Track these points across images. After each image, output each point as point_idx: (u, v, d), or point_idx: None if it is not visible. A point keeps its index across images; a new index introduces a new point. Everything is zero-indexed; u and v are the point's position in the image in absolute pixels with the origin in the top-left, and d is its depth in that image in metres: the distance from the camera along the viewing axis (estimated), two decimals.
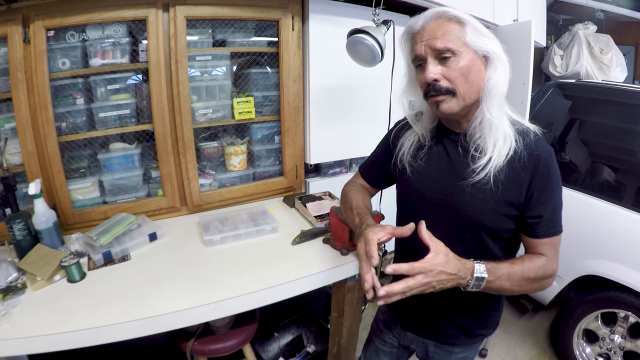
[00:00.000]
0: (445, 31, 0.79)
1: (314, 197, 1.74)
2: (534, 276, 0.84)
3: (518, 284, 0.83)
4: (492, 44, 0.80)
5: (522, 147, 0.83)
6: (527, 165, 0.83)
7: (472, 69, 0.80)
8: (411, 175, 0.96)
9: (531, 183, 0.83)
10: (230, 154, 1.75)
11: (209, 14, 1.47)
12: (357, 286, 1.38)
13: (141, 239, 1.37)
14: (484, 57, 0.81)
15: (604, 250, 1.83)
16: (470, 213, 0.87)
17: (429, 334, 1.05)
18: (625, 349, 1.80)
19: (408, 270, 0.75)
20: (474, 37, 0.79)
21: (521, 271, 0.83)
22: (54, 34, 1.32)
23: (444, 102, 0.82)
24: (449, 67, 0.79)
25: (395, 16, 1.87)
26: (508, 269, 0.82)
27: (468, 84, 0.80)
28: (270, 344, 1.88)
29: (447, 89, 0.80)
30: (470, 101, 0.82)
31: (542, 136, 0.88)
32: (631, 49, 3.88)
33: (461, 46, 0.79)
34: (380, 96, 1.91)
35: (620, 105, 2.07)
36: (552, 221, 0.86)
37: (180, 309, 1.05)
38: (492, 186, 0.83)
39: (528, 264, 0.84)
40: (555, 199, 0.85)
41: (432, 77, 0.80)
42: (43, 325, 0.98)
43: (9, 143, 1.33)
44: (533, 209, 0.85)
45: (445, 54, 0.79)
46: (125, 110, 1.48)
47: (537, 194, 0.84)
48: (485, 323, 1.03)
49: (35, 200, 1.23)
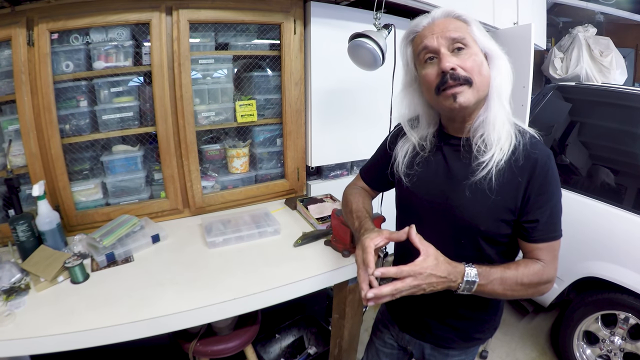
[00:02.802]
0: (455, 27, 0.81)
1: (315, 200, 1.75)
2: (529, 282, 0.82)
3: (511, 288, 0.82)
4: (493, 43, 0.84)
5: (520, 148, 0.82)
6: (524, 169, 0.82)
7: (482, 63, 0.81)
8: (408, 183, 0.96)
9: (528, 186, 0.82)
10: (232, 156, 1.75)
11: (211, 18, 1.48)
12: (358, 288, 1.39)
13: (144, 240, 1.38)
14: (485, 55, 0.83)
15: (604, 252, 1.83)
16: (466, 217, 0.86)
17: (425, 336, 1.04)
18: (626, 351, 1.80)
19: (396, 273, 0.75)
20: (480, 34, 0.82)
21: (515, 276, 0.82)
22: (57, 36, 1.33)
23: (462, 94, 0.79)
24: (463, 58, 0.79)
25: (396, 20, 1.88)
26: (501, 273, 0.81)
27: (481, 76, 0.81)
28: (271, 345, 1.88)
29: (466, 78, 0.79)
30: (483, 94, 0.83)
31: (540, 138, 0.87)
32: (631, 52, 3.89)
33: (471, 40, 0.81)
34: (381, 99, 1.92)
35: (620, 108, 2.08)
36: (549, 225, 0.84)
37: (182, 310, 1.06)
38: (489, 189, 0.82)
39: (523, 270, 0.83)
40: (553, 203, 0.84)
41: (449, 66, 0.78)
42: (46, 325, 0.99)
43: (13, 145, 1.33)
44: (529, 213, 0.83)
45: (459, 45, 0.80)
46: (129, 113, 1.49)
47: (534, 197, 0.82)
48: (482, 327, 1.02)
49: (39, 201, 1.24)
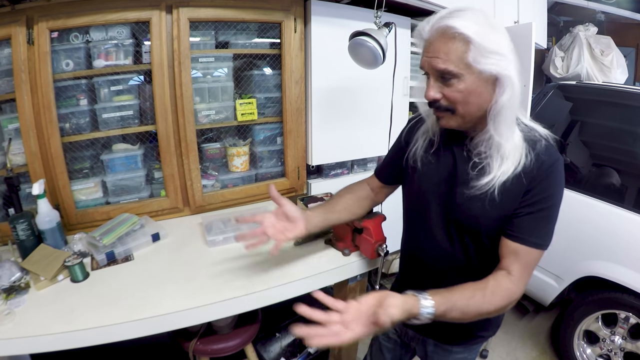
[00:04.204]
0: (448, 50, 0.75)
1: (315, 198, 1.74)
2: (494, 309, 0.79)
3: (472, 317, 0.79)
4: (501, 62, 0.74)
5: (532, 161, 0.80)
6: (531, 174, 0.81)
7: (472, 92, 0.77)
8: (421, 170, 0.95)
9: (529, 186, 0.81)
10: (232, 155, 1.75)
11: (212, 16, 1.48)
12: (359, 287, 1.39)
13: (144, 239, 1.38)
14: (493, 77, 0.76)
15: (604, 251, 1.83)
16: (470, 218, 0.86)
17: (428, 332, 1.04)
18: (626, 350, 1.80)
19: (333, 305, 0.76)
20: (480, 57, 0.73)
21: (478, 306, 0.78)
22: (57, 35, 1.33)
23: (444, 119, 0.84)
24: (450, 88, 0.78)
25: (396, 18, 1.88)
26: (463, 303, 0.77)
27: (468, 105, 0.79)
28: (271, 344, 1.88)
29: (447, 108, 0.81)
30: (471, 119, 0.82)
31: (554, 143, 0.85)
32: (632, 51, 3.88)
33: (463, 68, 0.75)
34: (381, 98, 1.92)
35: (621, 107, 2.08)
36: (536, 229, 0.81)
37: (182, 308, 1.06)
38: (492, 197, 0.82)
39: (489, 296, 0.78)
40: (548, 206, 0.81)
41: (431, 97, 0.80)
42: (46, 324, 0.98)
43: (13, 143, 1.33)
44: (521, 207, 0.82)
45: (445, 75, 0.77)
46: (129, 112, 1.49)
47: (530, 195, 0.81)
48: (485, 325, 1.02)
49: (39, 200, 1.24)
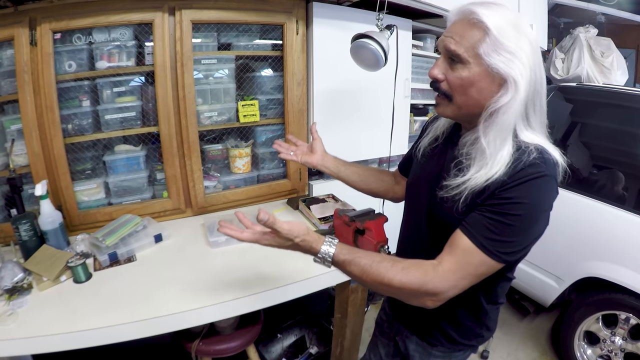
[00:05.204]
0: (463, 34, 0.72)
1: (317, 200, 1.75)
2: (398, 283, 0.73)
3: (372, 280, 0.75)
4: (512, 64, 0.69)
5: (507, 171, 0.71)
6: (502, 181, 0.71)
7: (474, 83, 0.72)
8: (419, 161, 0.95)
9: (496, 191, 0.71)
10: (234, 156, 1.75)
11: (214, 18, 1.48)
12: (361, 288, 1.39)
13: (147, 240, 1.38)
14: (501, 77, 0.70)
15: (604, 252, 1.84)
16: (442, 216, 0.83)
17: (413, 327, 1.02)
18: (626, 351, 1.80)
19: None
20: (492, 51, 0.69)
21: (380, 272, 0.74)
22: (60, 36, 1.33)
23: (440, 105, 0.81)
24: (454, 72, 0.74)
25: (398, 20, 1.89)
26: (365, 262, 0.76)
27: (465, 97, 0.75)
28: (273, 345, 1.88)
29: (445, 93, 0.77)
30: (467, 112, 0.77)
31: (552, 161, 0.72)
32: (632, 52, 3.88)
33: (472, 56, 0.71)
34: (383, 100, 1.92)
35: (621, 109, 2.08)
36: (487, 231, 0.71)
37: (185, 309, 1.06)
38: (457, 206, 0.76)
39: (399, 270, 0.73)
40: (512, 214, 0.69)
41: (434, 75, 0.77)
42: (49, 325, 0.99)
43: (15, 144, 1.34)
44: (484, 204, 0.73)
45: (454, 57, 0.73)
46: (131, 113, 1.49)
47: (496, 199, 0.71)
48: (467, 334, 0.96)
49: (42, 201, 1.24)
